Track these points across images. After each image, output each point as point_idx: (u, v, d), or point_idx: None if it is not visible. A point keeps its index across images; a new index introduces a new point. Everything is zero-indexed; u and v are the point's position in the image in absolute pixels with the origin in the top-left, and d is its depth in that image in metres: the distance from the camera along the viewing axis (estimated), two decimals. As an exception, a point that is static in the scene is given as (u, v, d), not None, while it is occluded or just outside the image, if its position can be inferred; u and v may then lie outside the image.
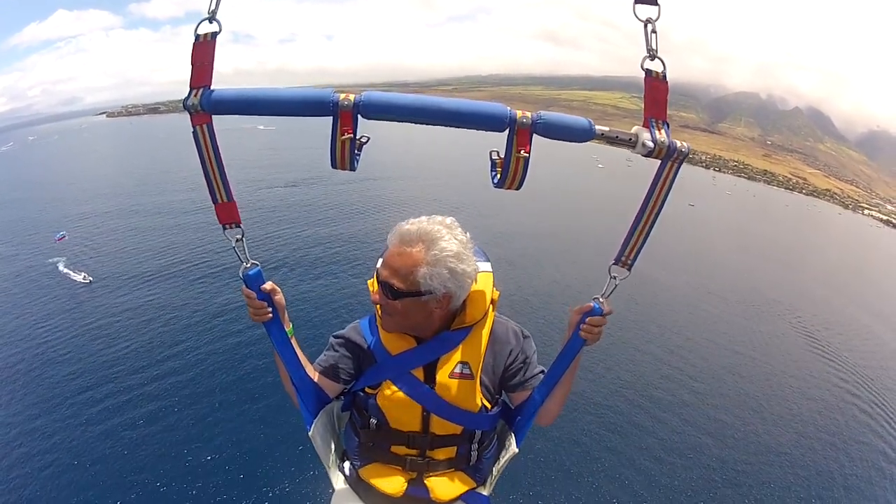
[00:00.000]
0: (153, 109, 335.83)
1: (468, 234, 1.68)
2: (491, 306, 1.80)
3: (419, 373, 1.74)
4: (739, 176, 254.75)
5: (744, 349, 27.00)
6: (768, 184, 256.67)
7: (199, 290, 26.27)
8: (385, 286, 1.63)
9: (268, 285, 1.68)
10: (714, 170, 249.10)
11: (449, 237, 1.59)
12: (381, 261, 1.69)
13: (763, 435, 18.97)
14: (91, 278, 27.41)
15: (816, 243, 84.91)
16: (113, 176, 66.81)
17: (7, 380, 17.91)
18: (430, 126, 1.40)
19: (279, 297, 1.73)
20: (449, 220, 1.65)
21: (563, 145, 1.45)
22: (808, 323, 33.34)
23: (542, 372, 1.84)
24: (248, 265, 1.62)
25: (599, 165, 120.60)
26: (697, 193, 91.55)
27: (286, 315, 1.79)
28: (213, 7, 1.34)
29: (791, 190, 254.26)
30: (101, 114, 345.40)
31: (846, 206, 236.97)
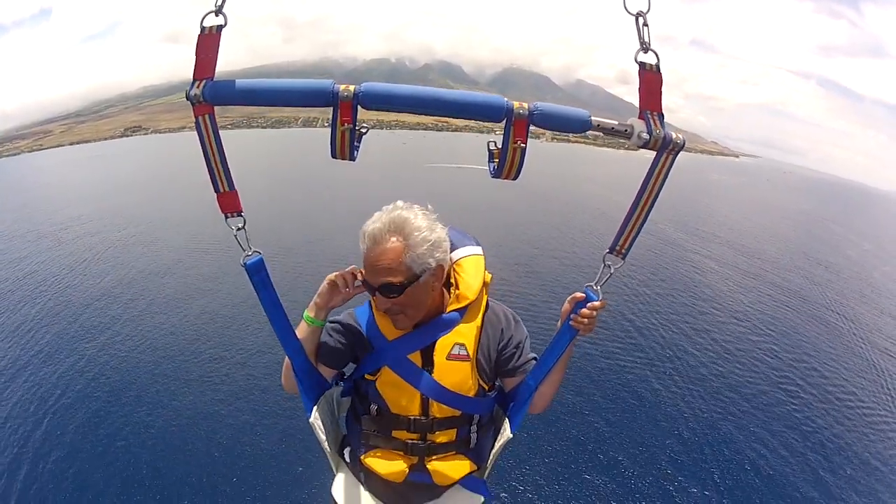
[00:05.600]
0: None
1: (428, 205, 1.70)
2: (484, 288, 1.81)
3: (417, 357, 1.74)
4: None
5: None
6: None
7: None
8: (383, 289, 1.60)
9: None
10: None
11: (413, 215, 1.61)
12: (363, 271, 1.67)
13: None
14: None
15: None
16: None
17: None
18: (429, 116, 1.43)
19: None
20: (401, 202, 1.66)
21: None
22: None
23: (535, 359, 1.84)
24: (251, 253, 1.63)
25: None
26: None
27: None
28: (220, 1, 1.34)
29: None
30: None
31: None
